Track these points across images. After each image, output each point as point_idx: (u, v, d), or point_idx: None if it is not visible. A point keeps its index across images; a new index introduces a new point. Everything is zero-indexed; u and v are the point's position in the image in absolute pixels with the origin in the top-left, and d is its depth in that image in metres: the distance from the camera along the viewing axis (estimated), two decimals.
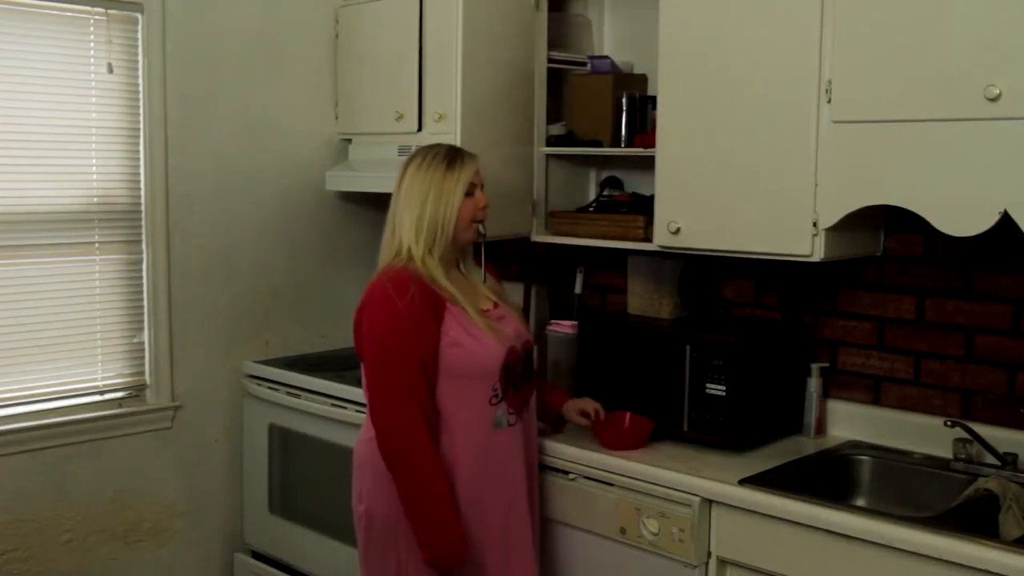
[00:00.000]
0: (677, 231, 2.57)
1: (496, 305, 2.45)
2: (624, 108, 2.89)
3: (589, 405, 2.60)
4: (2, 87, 2.89)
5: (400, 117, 3.29)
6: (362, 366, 2.36)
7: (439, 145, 2.45)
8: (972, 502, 2.18)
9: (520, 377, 2.42)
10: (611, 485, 2.45)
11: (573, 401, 2.64)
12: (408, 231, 2.34)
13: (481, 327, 2.33)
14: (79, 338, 3.11)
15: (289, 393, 3.24)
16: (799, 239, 2.35)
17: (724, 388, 2.47)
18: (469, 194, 2.38)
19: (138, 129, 3.16)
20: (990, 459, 2.35)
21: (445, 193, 2.34)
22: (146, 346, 3.24)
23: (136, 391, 3.25)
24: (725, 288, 2.95)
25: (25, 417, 3.00)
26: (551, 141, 3.07)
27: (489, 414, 2.35)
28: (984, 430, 2.38)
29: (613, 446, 2.52)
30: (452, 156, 2.39)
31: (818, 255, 2.33)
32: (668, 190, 2.59)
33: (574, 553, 2.56)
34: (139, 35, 3.13)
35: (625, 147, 2.89)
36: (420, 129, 3.25)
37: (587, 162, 3.17)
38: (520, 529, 2.41)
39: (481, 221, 2.42)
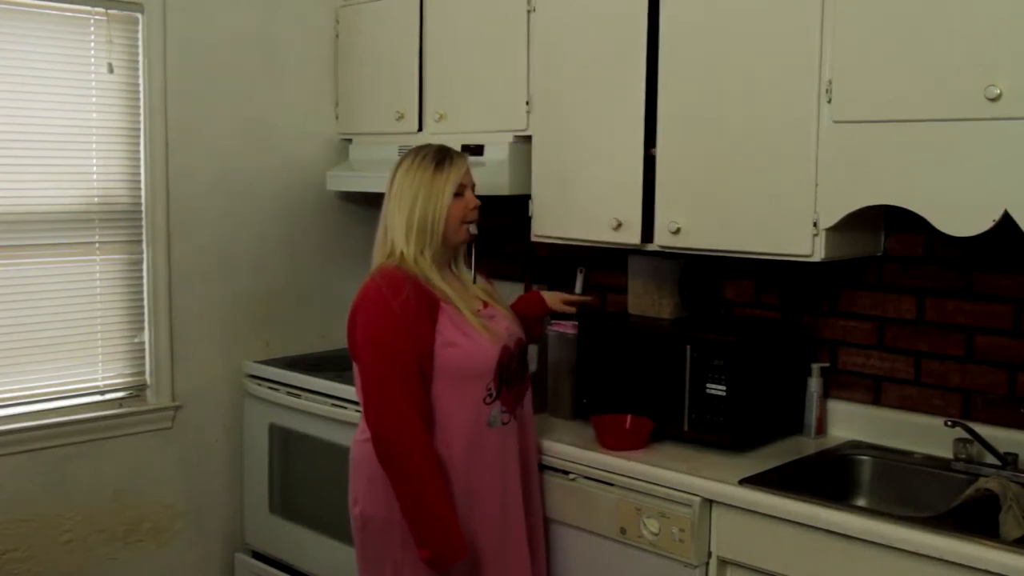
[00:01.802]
0: (677, 231, 2.57)
1: (486, 304, 2.45)
2: None
3: (571, 296, 2.78)
4: (2, 87, 2.89)
5: (400, 117, 3.30)
6: (355, 367, 2.36)
7: (429, 146, 2.45)
8: (972, 502, 2.18)
9: (514, 376, 2.42)
10: (611, 485, 2.45)
11: (551, 293, 2.78)
12: (399, 232, 2.34)
13: (475, 326, 2.33)
14: (79, 338, 3.11)
15: (289, 393, 3.24)
16: (799, 239, 2.35)
17: (724, 388, 2.47)
18: (459, 194, 2.38)
19: (138, 129, 3.16)
20: (990, 459, 2.35)
21: (434, 194, 2.35)
22: (146, 346, 3.24)
23: (136, 391, 3.25)
24: (725, 288, 2.95)
25: (25, 417, 3.00)
26: None
27: (484, 413, 2.35)
28: (984, 430, 2.38)
29: (614, 447, 2.52)
30: (441, 157, 2.39)
31: (818, 255, 2.33)
32: (668, 190, 2.60)
33: (574, 553, 2.56)
34: (139, 35, 3.13)
35: None
36: (420, 129, 3.25)
37: None
38: (515, 528, 2.41)
39: (472, 222, 2.42)
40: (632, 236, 2.67)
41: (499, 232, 3.36)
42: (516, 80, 2.95)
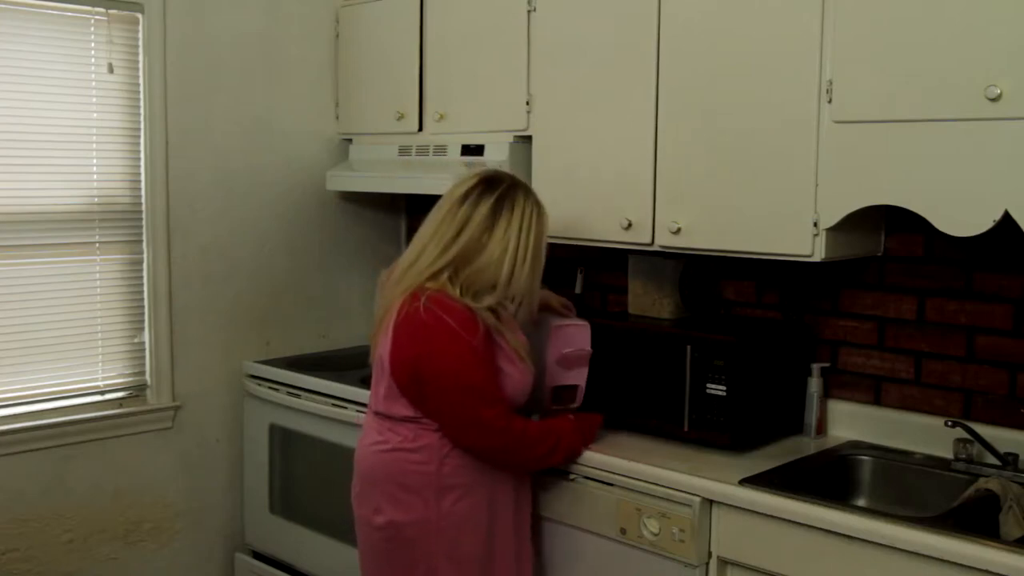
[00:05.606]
0: (677, 231, 2.57)
1: None
2: None
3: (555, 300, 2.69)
4: (2, 87, 2.89)
5: (401, 117, 3.30)
6: (391, 380, 2.32)
7: (523, 183, 2.40)
8: (972, 502, 2.18)
9: None
10: (611, 485, 2.45)
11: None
12: (502, 283, 2.29)
13: (522, 355, 2.36)
14: (80, 338, 3.11)
15: (289, 393, 3.24)
16: (800, 239, 2.35)
17: (725, 388, 2.47)
18: None
19: (138, 129, 3.17)
20: (991, 459, 2.35)
21: (543, 254, 2.36)
22: (146, 346, 3.24)
23: (137, 391, 3.25)
24: (726, 288, 2.95)
25: (25, 417, 3.00)
26: None
27: None
28: (985, 430, 2.38)
29: None
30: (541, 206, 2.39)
31: (819, 255, 2.33)
32: (668, 190, 2.60)
33: (574, 553, 2.55)
34: (140, 35, 3.14)
35: None
36: (420, 129, 3.25)
37: None
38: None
39: None
40: (643, 236, 2.66)
41: None
42: (516, 80, 2.95)
